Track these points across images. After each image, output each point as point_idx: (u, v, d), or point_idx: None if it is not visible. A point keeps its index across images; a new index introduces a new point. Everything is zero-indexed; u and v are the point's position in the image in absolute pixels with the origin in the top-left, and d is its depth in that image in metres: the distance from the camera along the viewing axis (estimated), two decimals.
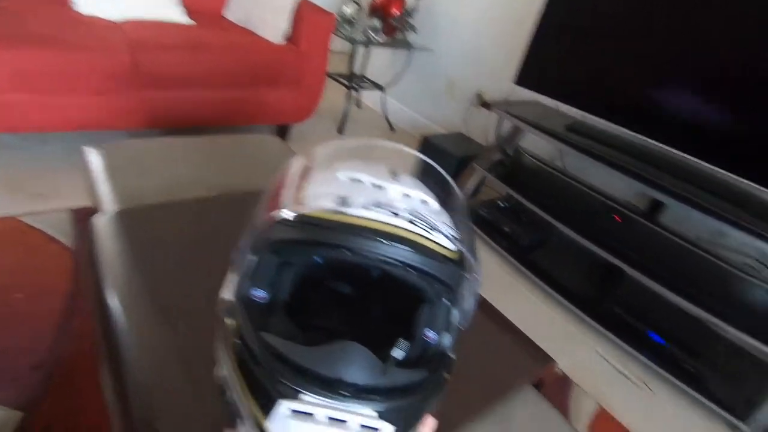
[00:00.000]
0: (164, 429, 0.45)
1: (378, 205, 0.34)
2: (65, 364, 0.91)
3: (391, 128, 2.58)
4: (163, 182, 0.87)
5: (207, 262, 0.63)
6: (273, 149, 1.13)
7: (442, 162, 0.42)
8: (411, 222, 0.34)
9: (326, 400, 0.30)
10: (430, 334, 0.37)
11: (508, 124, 1.72)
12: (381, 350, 0.32)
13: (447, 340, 0.38)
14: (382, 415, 0.31)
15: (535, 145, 1.83)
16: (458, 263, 0.36)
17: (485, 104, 1.72)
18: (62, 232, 1.24)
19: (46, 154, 1.59)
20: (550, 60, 1.64)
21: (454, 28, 2.32)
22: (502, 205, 1.77)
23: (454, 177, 1.78)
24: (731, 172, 1.24)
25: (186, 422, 0.46)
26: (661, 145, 1.37)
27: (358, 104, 2.81)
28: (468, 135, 2.15)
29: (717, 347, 1.36)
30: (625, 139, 1.51)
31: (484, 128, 2.14)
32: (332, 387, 0.30)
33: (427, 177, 0.45)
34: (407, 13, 2.28)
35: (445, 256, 0.35)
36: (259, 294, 0.37)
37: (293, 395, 0.30)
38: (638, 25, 1.43)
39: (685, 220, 1.46)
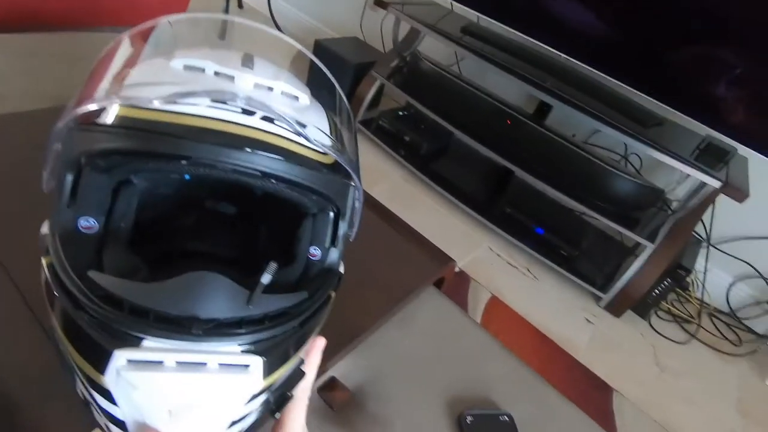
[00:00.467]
0: (11, 384, 0.37)
1: (222, 99, 0.27)
2: None
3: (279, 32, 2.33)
4: None
5: (40, 188, 0.51)
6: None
7: (338, 70, 0.36)
8: (268, 120, 0.28)
9: (174, 342, 0.25)
10: (315, 251, 0.33)
11: (405, 27, 1.64)
12: (256, 276, 0.27)
13: (334, 255, 0.34)
14: (249, 349, 0.27)
15: (433, 49, 1.78)
16: (334, 169, 0.31)
17: (379, 2, 1.59)
18: None
19: None
20: None
21: None
22: (401, 113, 1.74)
23: (352, 86, 1.69)
24: (606, 74, 1.32)
25: (38, 372, 0.39)
26: (549, 48, 1.41)
27: (240, 4, 2.46)
28: (364, 40, 2.01)
29: (587, 233, 1.57)
30: (517, 44, 1.52)
31: (380, 32, 2.02)
32: (182, 327, 0.25)
33: (316, 82, 0.38)
34: None
35: (314, 161, 0.30)
36: (87, 223, 0.29)
37: (133, 343, 0.24)
38: None
39: (567, 120, 1.57)
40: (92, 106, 0.27)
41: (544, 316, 1.27)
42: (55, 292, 0.26)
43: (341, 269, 0.36)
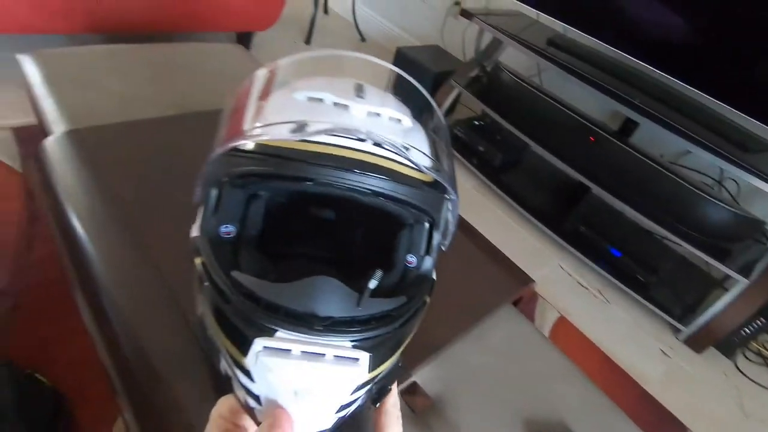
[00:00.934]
0: (155, 357, 0.44)
1: (339, 128, 0.31)
2: (32, 292, 0.88)
3: (361, 38, 2.41)
4: (114, 97, 0.78)
5: (172, 186, 0.59)
6: (237, 61, 1.03)
7: (418, 77, 0.38)
8: (377, 145, 0.32)
9: (300, 335, 0.29)
10: (411, 259, 0.37)
11: (487, 36, 1.63)
12: (361, 278, 0.32)
13: (428, 263, 0.37)
14: (358, 345, 0.31)
15: (514, 59, 1.76)
16: (433, 185, 0.35)
17: (464, 13, 1.60)
18: (4, 152, 1.12)
19: None
20: None
21: None
22: (477, 123, 1.74)
23: (430, 93, 1.71)
24: (704, 92, 1.24)
25: (177, 347, 0.45)
26: (639, 62, 1.34)
27: (325, 10, 2.57)
28: (444, 48, 2.03)
29: (668, 260, 1.48)
30: (604, 56, 1.47)
31: (461, 41, 2.02)
32: (306, 322, 0.29)
33: (402, 91, 0.41)
34: None
35: (416, 179, 0.34)
36: (227, 229, 0.34)
37: (268, 332, 0.29)
38: None
39: (654, 139, 1.49)
40: (240, 142, 0.32)
41: (614, 343, 1.22)
42: (207, 288, 0.32)
43: (434, 275, 0.39)
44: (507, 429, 0.50)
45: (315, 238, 0.44)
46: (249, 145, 0.32)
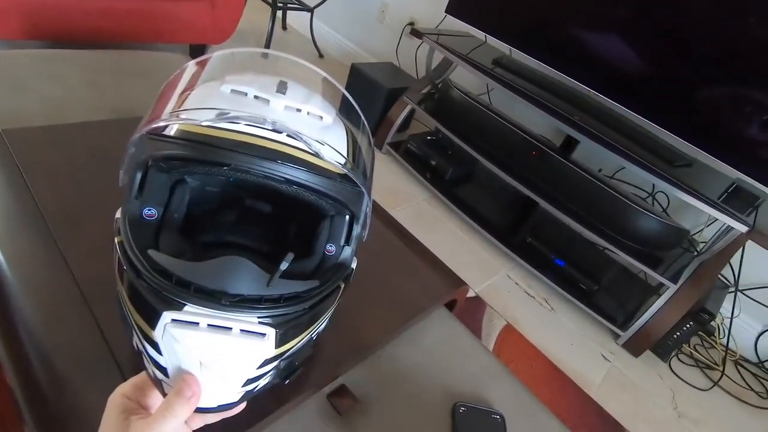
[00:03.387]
0: (61, 364, 0.42)
1: (257, 119, 0.33)
2: None
3: (319, 54, 2.44)
4: (48, 101, 0.75)
5: (96, 189, 0.58)
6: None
7: (372, 93, 0.41)
8: (292, 137, 0.33)
9: (207, 309, 0.31)
10: (330, 247, 0.39)
11: (438, 56, 1.70)
12: (278, 262, 0.33)
13: (347, 252, 0.39)
14: (266, 322, 0.32)
15: (465, 78, 1.83)
16: (345, 178, 0.37)
17: (415, 32, 1.66)
18: None
19: None
20: None
21: None
22: (430, 138, 1.79)
23: (384, 109, 1.75)
24: (636, 112, 1.33)
25: (85, 353, 0.44)
26: (579, 83, 1.43)
27: (284, 26, 2.59)
28: (399, 66, 2.09)
29: (610, 269, 1.55)
30: (547, 78, 1.55)
31: (416, 59, 2.09)
32: (214, 298, 0.31)
33: (347, 101, 0.43)
34: None
35: (331, 171, 0.35)
36: (149, 211, 0.35)
37: (177, 307, 0.31)
38: None
39: (593, 155, 1.57)
40: (160, 124, 0.33)
41: (558, 349, 1.26)
42: (123, 265, 0.33)
43: (354, 265, 0.41)
44: (432, 427, 0.51)
45: (246, 228, 0.45)
46: (172, 131, 0.33)
